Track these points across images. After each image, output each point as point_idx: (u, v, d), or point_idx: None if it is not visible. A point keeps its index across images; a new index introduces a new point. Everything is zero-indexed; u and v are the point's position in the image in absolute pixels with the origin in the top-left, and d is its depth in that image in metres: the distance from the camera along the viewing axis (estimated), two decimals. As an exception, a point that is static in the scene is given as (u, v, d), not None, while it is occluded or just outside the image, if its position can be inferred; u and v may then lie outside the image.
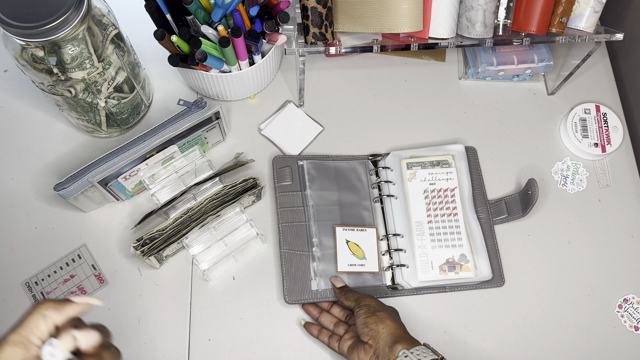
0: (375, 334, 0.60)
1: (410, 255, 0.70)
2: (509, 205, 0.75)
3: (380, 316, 0.61)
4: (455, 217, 0.72)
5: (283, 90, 0.82)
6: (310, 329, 0.68)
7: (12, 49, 0.60)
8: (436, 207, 0.72)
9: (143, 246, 0.65)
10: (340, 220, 0.73)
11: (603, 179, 0.79)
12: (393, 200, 0.74)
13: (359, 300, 0.64)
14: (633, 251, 0.75)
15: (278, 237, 0.72)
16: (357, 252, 0.71)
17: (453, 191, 0.73)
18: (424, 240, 0.71)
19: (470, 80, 0.84)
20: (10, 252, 0.71)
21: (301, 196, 0.74)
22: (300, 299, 0.69)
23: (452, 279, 0.69)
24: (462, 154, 0.76)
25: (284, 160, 0.76)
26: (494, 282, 0.72)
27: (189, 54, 0.68)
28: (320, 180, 0.75)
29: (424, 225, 0.71)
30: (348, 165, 0.76)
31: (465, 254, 0.70)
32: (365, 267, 0.71)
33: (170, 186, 0.71)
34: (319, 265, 0.70)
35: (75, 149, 0.77)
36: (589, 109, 0.81)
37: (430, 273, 0.69)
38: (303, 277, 0.69)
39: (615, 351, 0.70)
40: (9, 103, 0.79)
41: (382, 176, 0.76)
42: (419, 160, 0.75)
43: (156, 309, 0.69)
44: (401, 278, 0.70)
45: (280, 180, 0.74)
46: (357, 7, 0.68)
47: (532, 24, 0.68)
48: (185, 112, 0.70)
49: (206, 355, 0.68)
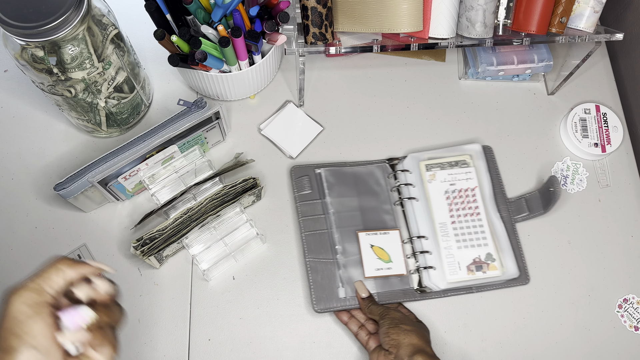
0: (396, 343, 0.60)
1: (437, 256, 0.70)
2: (530, 203, 0.75)
3: (403, 328, 0.62)
4: (478, 217, 0.72)
5: (283, 90, 0.82)
6: (340, 316, 0.68)
7: (12, 49, 0.60)
8: (458, 207, 0.72)
9: (143, 246, 0.65)
10: (363, 226, 0.73)
11: (603, 179, 0.79)
12: (414, 202, 0.73)
13: (382, 315, 0.65)
14: (633, 251, 0.75)
15: (302, 246, 0.71)
16: (382, 255, 0.71)
17: (474, 190, 0.73)
18: (449, 241, 0.70)
19: (470, 80, 0.84)
20: (10, 252, 0.71)
21: (321, 204, 0.74)
22: (329, 307, 0.68)
23: (479, 279, 0.69)
24: (479, 153, 0.76)
25: (301, 169, 0.76)
26: (520, 280, 0.72)
27: (189, 54, 0.68)
28: (339, 187, 0.74)
29: (447, 226, 0.71)
30: (366, 170, 0.76)
31: (491, 253, 0.70)
32: (392, 270, 0.70)
33: (170, 186, 0.71)
34: (345, 272, 0.70)
35: (75, 149, 0.77)
36: (589, 109, 0.81)
37: (458, 274, 0.69)
38: (330, 285, 0.69)
39: (615, 351, 0.70)
40: (9, 103, 0.79)
41: (400, 179, 0.76)
42: (438, 161, 0.75)
43: (156, 309, 0.69)
44: (429, 280, 0.70)
45: (300, 189, 0.74)
46: (357, 7, 0.68)
47: (532, 24, 0.68)
48: (185, 112, 0.70)
49: (206, 355, 0.68)
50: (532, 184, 0.78)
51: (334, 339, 0.69)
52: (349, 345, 0.69)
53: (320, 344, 0.69)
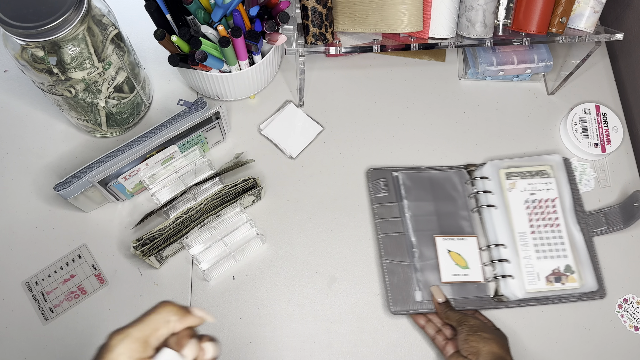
0: (476, 351, 0.60)
1: (516, 265, 0.70)
2: (608, 217, 0.75)
3: (483, 336, 0.61)
4: (557, 228, 0.72)
5: (283, 90, 0.82)
6: (417, 319, 0.68)
7: (12, 49, 0.60)
8: (538, 217, 0.72)
9: (143, 246, 0.65)
10: (439, 230, 0.72)
11: (603, 179, 0.79)
12: (492, 210, 0.73)
13: (460, 321, 0.64)
14: (633, 251, 0.75)
15: (378, 248, 0.72)
16: (459, 261, 0.71)
17: (554, 201, 0.73)
18: (529, 251, 0.70)
19: (470, 80, 0.84)
20: (10, 252, 0.71)
21: (398, 207, 0.74)
22: (406, 309, 0.68)
23: (557, 290, 0.69)
24: (560, 164, 0.76)
25: (378, 172, 0.76)
26: (597, 294, 0.71)
27: (189, 54, 0.68)
28: (416, 190, 0.74)
29: (527, 236, 0.71)
30: (443, 175, 0.76)
31: (571, 265, 0.70)
32: (469, 277, 0.70)
33: (170, 186, 0.71)
34: (422, 275, 0.70)
35: (75, 149, 0.77)
36: (588, 109, 0.81)
37: (537, 284, 0.69)
38: (407, 288, 0.69)
39: (615, 351, 0.70)
40: (9, 103, 0.79)
41: (478, 186, 0.75)
42: (518, 170, 0.75)
43: (156, 309, 0.69)
44: (506, 289, 0.69)
45: (376, 192, 0.75)
46: (357, 7, 0.68)
47: (532, 24, 0.68)
48: (185, 112, 0.70)
49: (206, 355, 0.68)
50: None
51: (334, 339, 0.69)
52: (349, 345, 0.69)
53: (320, 344, 0.69)
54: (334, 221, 0.75)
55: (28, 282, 0.70)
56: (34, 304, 0.69)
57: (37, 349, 0.67)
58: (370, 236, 0.74)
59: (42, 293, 0.70)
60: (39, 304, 0.69)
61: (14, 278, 0.70)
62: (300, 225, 0.74)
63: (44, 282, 0.70)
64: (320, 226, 0.74)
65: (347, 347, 0.69)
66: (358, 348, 0.69)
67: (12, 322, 0.68)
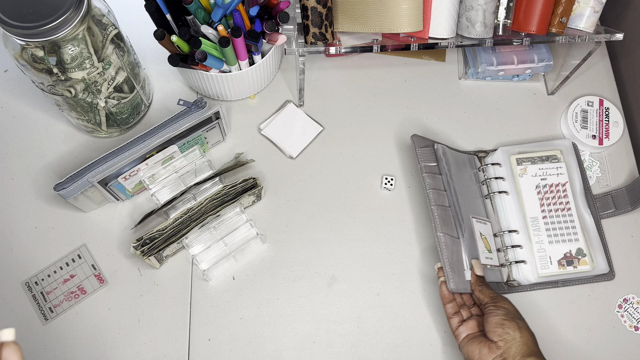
0: (510, 338, 0.57)
1: (528, 250, 0.71)
2: (616, 200, 0.76)
3: (520, 325, 0.59)
4: (569, 212, 0.72)
5: (283, 90, 0.82)
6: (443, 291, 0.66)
7: (12, 49, 0.60)
8: (549, 202, 0.73)
9: (143, 246, 0.65)
10: (472, 211, 0.72)
11: (603, 178, 0.79)
12: (504, 196, 0.74)
13: (495, 300, 0.62)
14: (633, 251, 0.75)
15: (432, 220, 0.67)
16: (487, 245, 0.71)
17: (564, 186, 0.73)
18: (541, 236, 0.71)
19: (470, 80, 0.84)
20: (10, 252, 0.71)
21: (441, 179, 0.71)
22: (462, 287, 0.65)
23: (570, 273, 0.70)
24: (569, 148, 0.77)
25: (422, 140, 0.73)
26: (607, 276, 0.72)
27: (189, 54, 0.68)
28: (453, 166, 0.73)
29: (539, 221, 0.72)
30: (464, 158, 0.76)
31: (582, 248, 0.71)
32: (493, 261, 0.70)
33: (170, 186, 0.71)
34: (468, 254, 0.68)
35: (75, 149, 0.77)
36: (592, 101, 0.82)
37: (549, 268, 0.70)
38: (459, 266, 0.66)
39: (615, 351, 0.70)
40: (9, 103, 0.79)
41: (489, 173, 0.76)
42: (528, 155, 0.75)
43: (156, 309, 0.69)
44: (518, 274, 0.70)
45: (425, 160, 0.71)
46: (357, 7, 0.68)
47: (532, 24, 0.68)
48: (185, 112, 0.70)
49: (206, 355, 0.68)
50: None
51: (334, 339, 0.69)
52: (349, 345, 0.69)
53: (321, 344, 0.69)
54: (334, 221, 0.75)
55: (28, 282, 0.70)
56: (34, 304, 0.69)
57: (37, 349, 0.67)
58: (370, 236, 0.74)
59: (42, 293, 0.70)
60: (39, 304, 0.69)
61: (13, 278, 0.70)
62: (300, 225, 0.74)
63: (44, 282, 0.70)
64: (320, 226, 0.74)
65: (347, 347, 0.69)
66: (358, 348, 0.69)
67: (12, 322, 0.68)
